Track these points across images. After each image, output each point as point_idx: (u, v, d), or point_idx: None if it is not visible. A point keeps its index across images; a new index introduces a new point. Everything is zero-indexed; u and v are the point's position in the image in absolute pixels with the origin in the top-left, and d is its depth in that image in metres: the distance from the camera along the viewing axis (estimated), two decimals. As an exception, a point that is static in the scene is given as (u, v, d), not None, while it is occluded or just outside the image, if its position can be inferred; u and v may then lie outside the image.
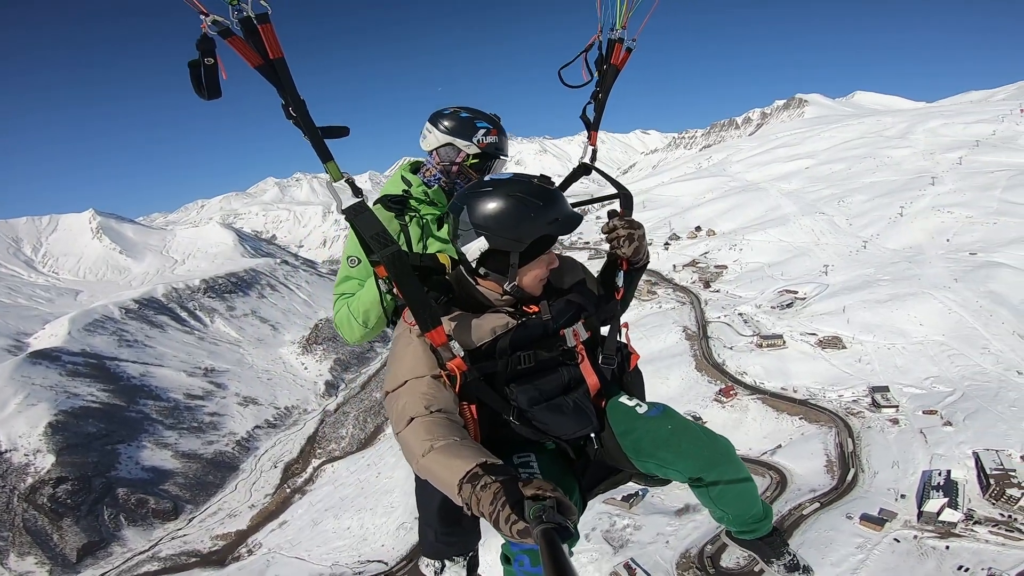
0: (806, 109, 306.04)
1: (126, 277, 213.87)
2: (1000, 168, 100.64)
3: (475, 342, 1.91)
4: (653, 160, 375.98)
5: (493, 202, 1.86)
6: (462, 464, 1.46)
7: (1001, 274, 68.94)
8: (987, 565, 34.72)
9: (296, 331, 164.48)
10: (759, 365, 61.48)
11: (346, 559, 54.49)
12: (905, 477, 42.38)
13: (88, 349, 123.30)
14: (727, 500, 2.14)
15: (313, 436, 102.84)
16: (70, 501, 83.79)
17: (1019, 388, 50.15)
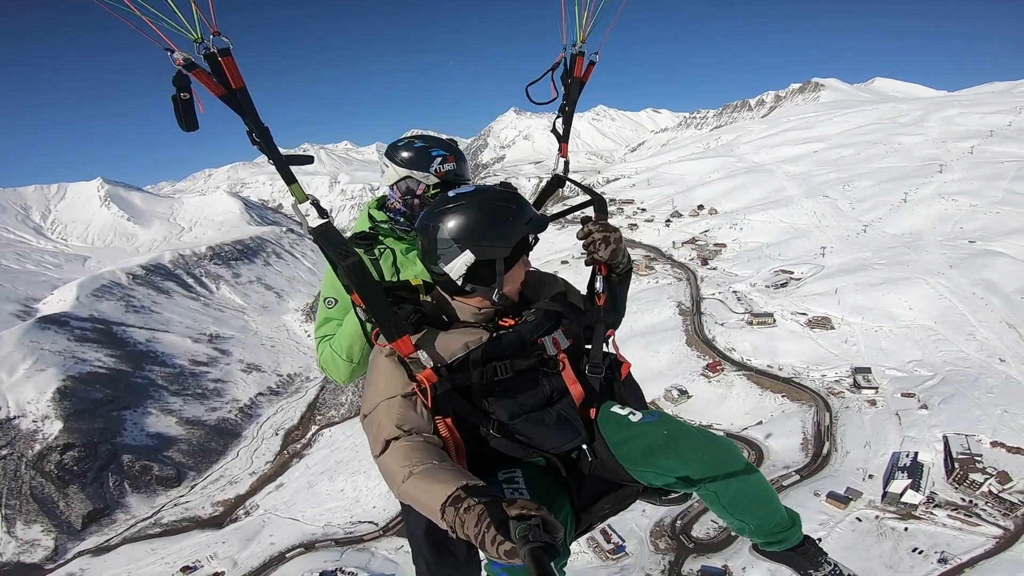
0: (822, 93, 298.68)
1: (133, 244, 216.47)
2: (1011, 159, 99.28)
3: (447, 357, 1.89)
4: (663, 139, 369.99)
5: (471, 214, 1.88)
6: (443, 488, 1.46)
7: (997, 263, 68.99)
8: (941, 549, 36.17)
9: (300, 298, 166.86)
10: (748, 342, 62.50)
11: (338, 520, 56.91)
12: (875, 458, 43.58)
13: (96, 314, 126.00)
14: (742, 507, 2.01)
15: (314, 403, 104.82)
16: (76, 468, 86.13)
17: (999, 375, 51.04)
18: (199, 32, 1.62)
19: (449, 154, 2.63)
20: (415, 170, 2.60)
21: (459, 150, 2.71)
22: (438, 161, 2.59)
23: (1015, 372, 51.47)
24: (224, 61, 1.67)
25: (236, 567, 52.97)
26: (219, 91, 1.69)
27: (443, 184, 2.60)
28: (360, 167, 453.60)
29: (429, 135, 2.76)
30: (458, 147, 2.73)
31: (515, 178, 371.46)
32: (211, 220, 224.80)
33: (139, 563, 61.31)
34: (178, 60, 1.64)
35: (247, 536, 59.31)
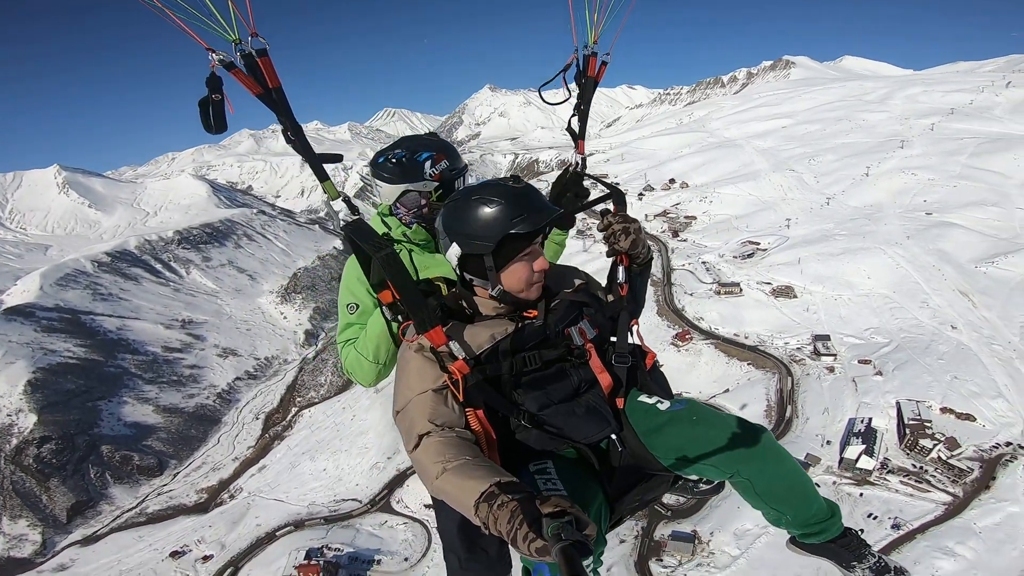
0: (792, 71, 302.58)
1: (96, 231, 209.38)
2: (970, 136, 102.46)
3: (475, 349, 1.91)
4: (638, 115, 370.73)
5: (459, 208, 1.93)
6: (477, 484, 1.47)
7: (952, 233, 72.12)
8: (894, 514, 38.06)
9: (275, 280, 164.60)
10: (716, 311, 64.55)
11: (322, 499, 58.07)
12: (833, 424, 45.73)
13: (62, 304, 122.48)
14: (778, 496, 1.97)
15: (293, 385, 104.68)
16: (55, 461, 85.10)
17: (949, 342, 53.76)
18: (237, 33, 1.70)
19: (436, 152, 2.58)
20: (410, 183, 2.55)
21: (443, 142, 2.68)
22: (428, 164, 2.55)
23: (965, 338, 54.17)
24: (261, 61, 1.76)
25: (224, 549, 53.85)
26: (256, 90, 1.78)
27: (444, 184, 2.58)
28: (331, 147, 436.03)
29: (406, 138, 2.69)
30: (440, 140, 2.69)
31: (491, 154, 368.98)
32: (177, 204, 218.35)
33: (128, 551, 61.67)
34: (213, 62, 1.71)
35: (233, 519, 60.04)
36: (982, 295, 60.50)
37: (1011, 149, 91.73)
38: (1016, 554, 33.69)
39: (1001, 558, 33.59)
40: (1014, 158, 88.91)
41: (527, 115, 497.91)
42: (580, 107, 2.72)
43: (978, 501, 38.20)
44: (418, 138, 2.67)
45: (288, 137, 1.84)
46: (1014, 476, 39.25)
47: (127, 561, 58.71)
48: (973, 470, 40.32)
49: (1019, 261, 64.50)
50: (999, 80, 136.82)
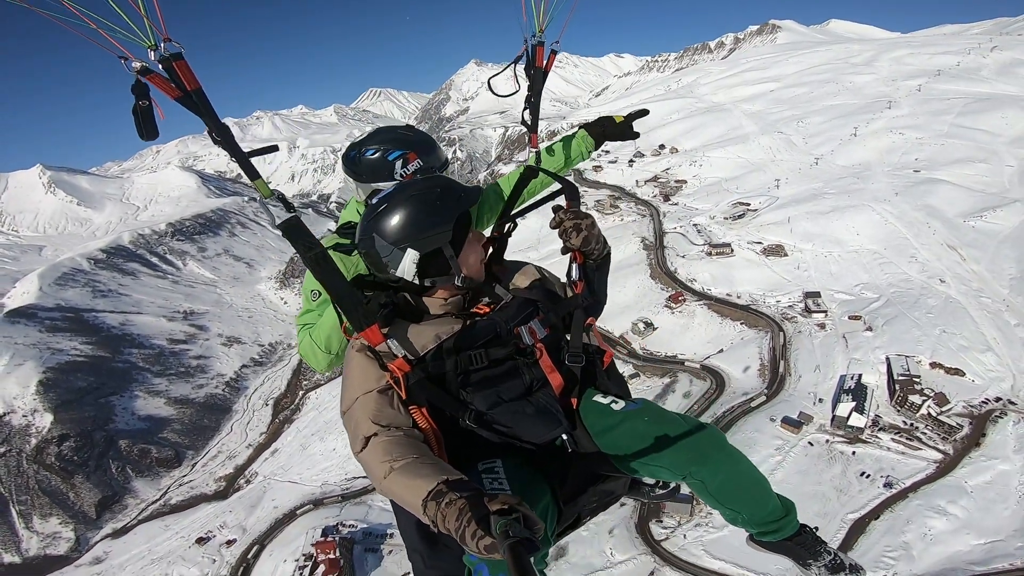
0: (779, 35, 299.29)
1: (88, 228, 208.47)
2: (957, 96, 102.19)
3: (419, 350, 1.88)
4: (626, 83, 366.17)
5: (399, 213, 1.87)
6: (424, 483, 1.47)
7: (940, 189, 72.89)
8: (886, 473, 38.61)
9: (272, 266, 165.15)
10: (708, 272, 65.53)
11: (334, 478, 59.76)
12: (825, 381, 46.61)
13: (63, 303, 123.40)
14: (731, 496, 1.97)
15: (298, 369, 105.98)
16: (77, 457, 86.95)
17: (938, 296, 54.91)
18: (152, 39, 1.69)
19: (408, 151, 2.49)
20: (379, 182, 2.48)
21: (419, 138, 2.57)
22: (399, 165, 2.47)
23: (954, 292, 55.31)
24: (178, 65, 1.74)
25: (245, 533, 55.78)
26: (175, 94, 1.76)
27: None
28: (318, 130, 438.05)
29: (380, 129, 2.60)
30: (416, 134, 2.58)
31: (480, 129, 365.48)
32: (167, 196, 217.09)
33: (156, 539, 63.90)
34: (136, 67, 1.71)
35: (251, 503, 61.98)
36: (970, 248, 61.62)
37: (999, 108, 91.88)
38: (1008, 514, 34.45)
39: (992, 517, 34.39)
40: (1002, 117, 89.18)
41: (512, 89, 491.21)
42: (531, 99, 2.68)
43: (969, 459, 38.76)
44: (392, 133, 2.56)
45: (214, 138, 1.85)
46: (1004, 432, 39.80)
47: (156, 550, 60.83)
48: (963, 427, 40.71)
49: (1007, 215, 65.48)
50: (986, 42, 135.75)
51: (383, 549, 46.62)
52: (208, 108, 1.79)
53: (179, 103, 1.77)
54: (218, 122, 1.81)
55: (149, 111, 1.79)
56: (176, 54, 1.73)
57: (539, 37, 2.55)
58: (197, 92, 1.78)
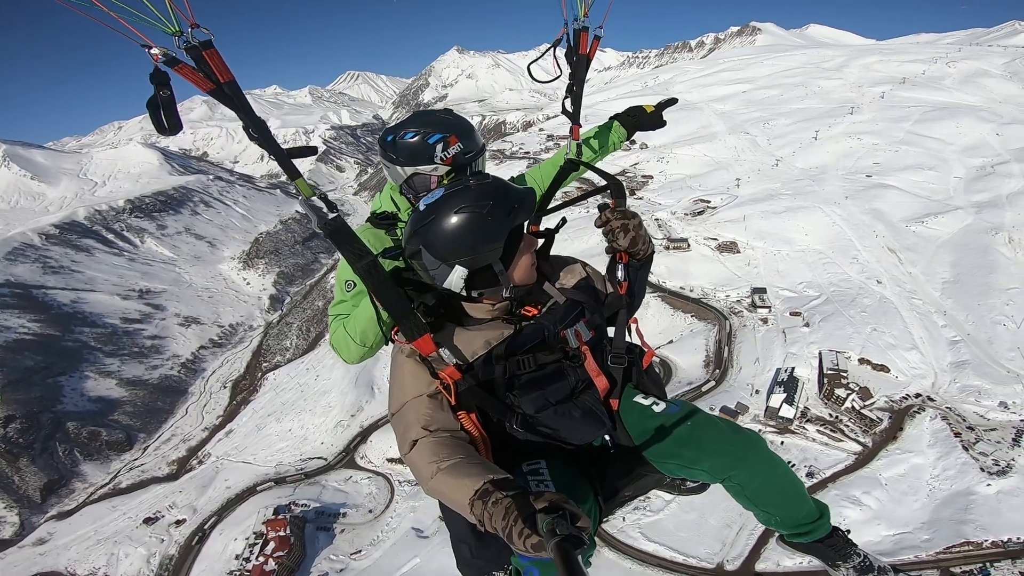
0: (758, 37, 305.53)
1: (42, 203, 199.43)
2: (917, 104, 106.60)
3: (469, 356, 1.87)
4: (606, 77, 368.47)
5: (447, 228, 1.80)
6: (471, 482, 1.48)
7: (888, 195, 76.33)
8: (809, 463, 40.38)
9: (236, 246, 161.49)
10: (664, 265, 67.04)
11: (289, 459, 60.03)
12: (763, 373, 48.58)
13: (12, 279, 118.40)
14: (768, 500, 2.00)
15: (258, 350, 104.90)
16: (22, 440, 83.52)
17: (874, 296, 57.60)
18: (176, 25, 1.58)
19: (449, 134, 2.40)
20: (419, 165, 2.41)
21: (458, 122, 2.48)
22: (440, 148, 2.39)
23: (889, 292, 57.92)
24: (208, 54, 1.63)
25: (196, 513, 55.43)
26: (207, 86, 1.65)
27: (456, 168, 2.42)
28: (291, 111, 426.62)
29: (419, 114, 2.51)
30: (456, 118, 2.50)
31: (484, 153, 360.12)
32: (126, 173, 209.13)
33: (103, 520, 62.55)
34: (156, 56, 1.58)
35: (203, 483, 61.45)
36: (908, 252, 64.79)
37: (954, 117, 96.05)
38: (918, 506, 36.43)
39: (903, 509, 36.34)
40: (956, 126, 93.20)
41: (495, 77, 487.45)
42: (573, 87, 2.57)
43: (885, 452, 40.77)
44: (431, 116, 2.48)
45: (251, 134, 1.74)
46: (920, 427, 41.91)
47: (103, 531, 59.65)
48: (883, 420, 42.86)
49: (948, 221, 68.82)
50: (954, 52, 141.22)
51: (335, 528, 47.31)
52: (243, 102, 1.68)
53: (212, 96, 1.67)
54: (255, 117, 1.69)
55: (171, 101, 1.65)
56: (206, 42, 1.63)
57: (582, 22, 2.46)
58: (231, 84, 1.68)
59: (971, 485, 36.75)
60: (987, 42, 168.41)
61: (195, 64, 1.62)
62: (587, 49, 2.50)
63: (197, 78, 1.62)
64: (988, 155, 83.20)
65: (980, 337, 50.61)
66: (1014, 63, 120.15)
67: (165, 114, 1.64)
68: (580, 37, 2.48)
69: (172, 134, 1.69)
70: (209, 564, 46.97)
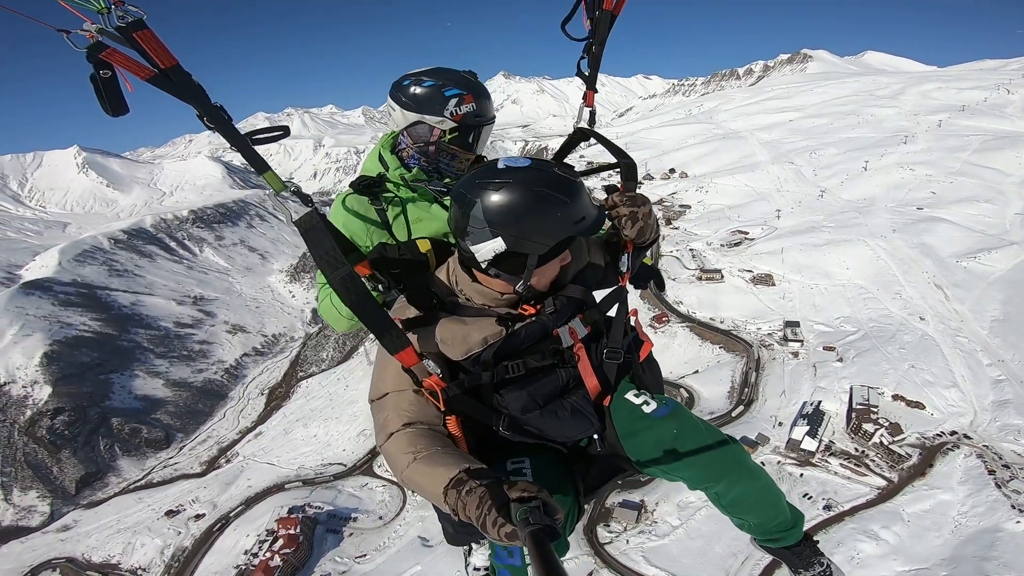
0: (809, 65, 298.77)
1: (114, 209, 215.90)
2: (976, 133, 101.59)
3: (464, 351, 1.79)
4: (650, 105, 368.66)
5: (513, 198, 1.64)
6: (445, 471, 1.46)
7: (939, 228, 72.72)
8: (828, 496, 39.25)
9: (284, 260, 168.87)
10: (695, 296, 66.43)
11: (311, 463, 61.92)
12: (788, 406, 47.38)
13: (79, 279, 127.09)
14: (743, 509, 2.00)
15: (296, 360, 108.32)
16: (67, 433, 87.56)
17: (915, 332, 55.00)
18: (102, 2, 1.36)
19: (466, 93, 2.27)
20: (427, 114, 2.27)
21: (479, 85, 2.34)
22: (453, 103, 2.25)
23: (931, 330, 55.30)
24: (140, 36, 1.41)
25: (215, 509, 57.80)
26: (146, 73, 1.45)
27: (461, 128, 2.29)
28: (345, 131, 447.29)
29: (442, 68, 2.35)
30: (477, 81, 2.36)
31: (501, 141, 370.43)
32: (192, 185, 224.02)
33: (127, 511, 65.50)
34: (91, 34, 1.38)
35: (227, 481, 63.99)
36: (956, 288, 61.41)
37: (1015, 147, 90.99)
38: (939, 542, 34.61)
39: (923, 545, 34.63)
40: (1016, 156, 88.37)
41: (539, 103, 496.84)
42: (592, 47, 2.32)
43: (911, 487, 39.13)
44: (453, 72, 2.34)
45: (207, 123, 1.57)
46: (952, 464, 40.00)
47: (126, 520, 62.50)
48: (911, 456, 41.17)
49: (1001, 257, 65.18)
50: (1018, 78, 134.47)
51: (344, 531, 48.55)
52: (192, 89, 1.51)
53: (153, 84, 1.47)
54: (208, 104, 1.55)
55: (113, 82, 1.47)
56: (136, 22, 1.41)
57: None
58: (174, 70, 1.48)
59: (999, 522, 34.85)
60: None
61: (132, 47, 1.43)
62: (612, 3, 2.23)
63: (134, 65, 1.43)
64: (1050, 187, 78.44)
65: (1025, 376, 47.65)
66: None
67: (108, 95, 1.48)
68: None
69: (116, 115, 1.54)
70: (219, 558, 48.73)
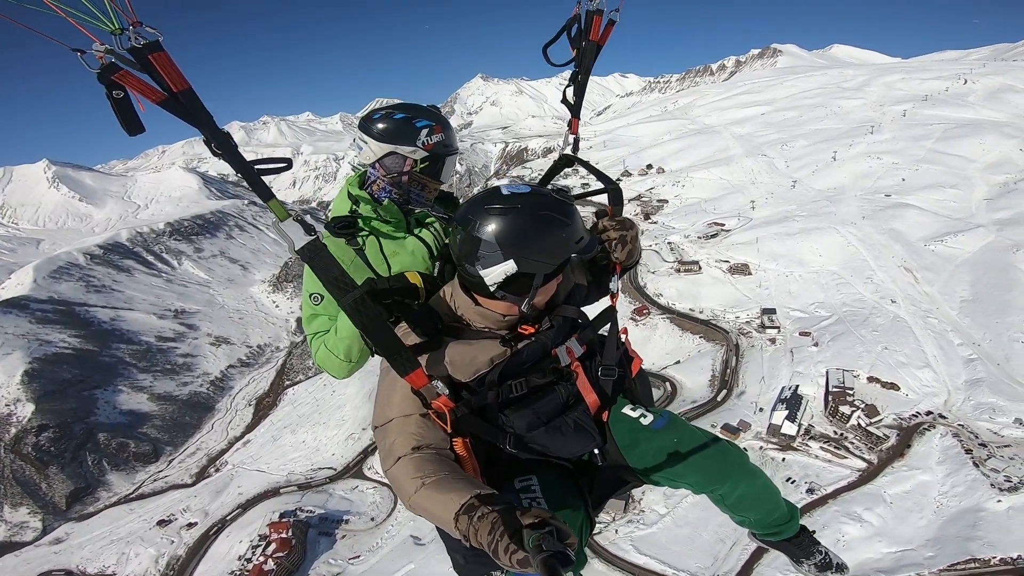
0: (779, 59, 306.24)
1: (88, 224, 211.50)
2: (940, 121, 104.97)
3: (471, 372, 1.84)
4: (628, 103, 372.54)
5: (524, 222, 1.75)
6: (457, 497, 1.45)
7: (907, 214, 75.21)
8: (810, 479, 40.05)
9: (266, 270, 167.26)
10: (674, 288, 67.88)
11: (300, 468, 62.15)
12: (767, 392, 48.59)
13: (56, 296, 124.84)
14: (745, 507, 2.09)
15: (282, 369, 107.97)
16: (53, 449, 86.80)
17: (887, 315, 56.84)
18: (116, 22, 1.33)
19: (435, 124, 2.39)
20: (400, 145, 2.36)
21: (444, 118, 2.48)
22: (424, 133, 2.36)
23: (903, 312, 57.13)
24: (155, 58, 1.38)
25: (207, 517, 57.65)
26: (157, 96, 1.41)
27: (432, 157, 2.39)
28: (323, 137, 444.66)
29: (408, 103, 2.49)
30: (442, 114, 2.50)
31: (481, 143, 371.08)
32: (168, 196, 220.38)
33: (119, 522, 65.09)
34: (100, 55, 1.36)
35: (217, 489, 63.81)
36: (926, 271, 63.64)
37: (977, 134, 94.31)
38: (923, 523, 35.44)
39: (907, 526, 35.49)
40: (980, 143, 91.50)
41: (519, 104, 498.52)
42: (578, 75, 2.41)
43: (891, 468, 40.10)
44: (420, 106, 2.48)
45: (214, 150, 1.51)
46: (929, 445, 41.14)
47: (118, 531, 62.05)
48: (890, 437, 42.19)
49: (968, 239, 67.56)
50: (979, 68, 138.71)
51: (337, 534, 48.90)
52: (203, 114, 1.47)
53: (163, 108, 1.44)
54: (217, 131, 1.51)
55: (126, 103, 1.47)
56: (152, 43, 1.39)
57: (597, 4, 2.30)
58: (186, 94, 1.45)
59: (980, 502, 35.83)
60: (1012, 57, 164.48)
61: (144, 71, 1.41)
62: (599, 34, 2.31)
63: (145, 88, 1.41)
64: (1012, 172, 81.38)
65: (997, 355, 49.53)
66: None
67: (122, 115, 1.48)
68: (593, 20, 2.31)
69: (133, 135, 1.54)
70: (213, 564, 48.81)
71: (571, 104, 2.45)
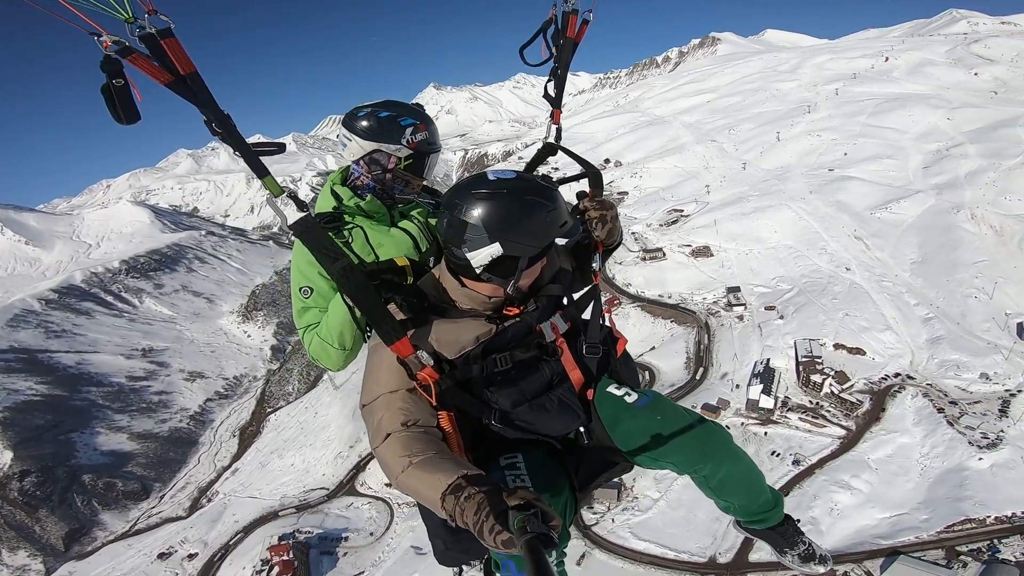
0: (719, 47, 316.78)
1: (38, 268, 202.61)
2: (870, 98, 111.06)
3: (457, 349, 1.87)
4: (581, 100, 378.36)
5: (509, 205, 1.80)
6: (444, 477, 1.47)
7: (850, 186, 79.71)
8: (794, 451, 40.80)
9: (233, 300, 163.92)
10: (641, 276, 69.91)
11: (292, 491, 62.02)
12: (741, 368, 50.27)
13: (16, 345, 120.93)
14: (729, 491, 2.11)
15: (262, 398, 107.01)
16: (39, 492, 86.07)
17: (844, 283, 60.01)
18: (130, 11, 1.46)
19: (420, 122, 2.43)
20: (383, 142, 2.39)
21: (428, 116, 2.51)
22: (409, 131, 2.40)
23: (858, 278, 60.33)
24: (167, 43, 1.51)
25: (207, 547, 57.24)
26: (165, 78, 1.53)
27: (416, 155, 2.44)
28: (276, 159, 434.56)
29: (394, 101, 2.49)
30: (426, 112, 2.54)
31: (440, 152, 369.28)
32: (119, 233, 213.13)
33: (120, 558, 64.30)
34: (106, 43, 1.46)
35: (212, 519, 63.23)
36: (875, 238, 67.58)
37: (906, 107, 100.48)
38: (911, 486, 36.19)
39: (896, 490, 36.12)
40: (909, 115, 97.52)
41: (474, 110, 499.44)
42: (558, 71, 2.54)
43: (870, 433, 40.94)
44: (405, 104, 2.52)
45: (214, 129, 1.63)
46: (902, 406, 42.33)
47: (120, 567, 61.23)
48: (863, 403, 43.17)
49: (910, 205, 71.94)
50: (899, 45, 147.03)
51: (338, 552, 49.15)
52: (207, 95, 1.61)
53: (170, 89, 1.56)
54: (219, 111, 1.62)
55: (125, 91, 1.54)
56: (164, 30, 1.51)
57: (572, 4, 2.45)
58: (192, 76, 1.58)
59: (963, 461, 36.65)
60: (928, 32, 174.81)
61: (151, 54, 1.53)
62: (575, 32, 2.48)
63: (154, 69, 1.53)
64: (942, 139, 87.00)
65: (953, 312, 52.09)
66: (956, 50, 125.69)
67: (120, 104, 1.57)
68: (568, 19, 2.47)
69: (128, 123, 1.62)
70: (222, 592, 48.53)
71: (552, 97, 2.59)
